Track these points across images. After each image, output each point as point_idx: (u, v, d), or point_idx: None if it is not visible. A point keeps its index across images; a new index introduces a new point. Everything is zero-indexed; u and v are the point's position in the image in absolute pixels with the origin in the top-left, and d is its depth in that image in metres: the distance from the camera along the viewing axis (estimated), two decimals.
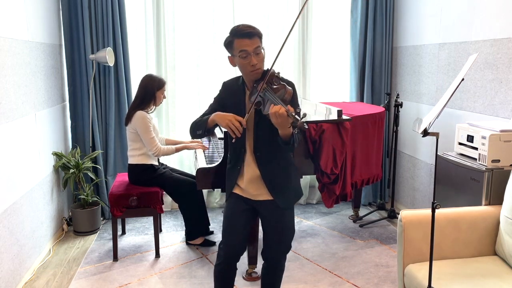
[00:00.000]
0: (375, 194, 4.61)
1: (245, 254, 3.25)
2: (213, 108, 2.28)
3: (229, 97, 2.25)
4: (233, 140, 2.09)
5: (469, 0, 3.24)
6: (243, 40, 2.09)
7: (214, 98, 2.33)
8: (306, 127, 1.85)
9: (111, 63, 3.88)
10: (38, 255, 3.32)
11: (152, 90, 3.38)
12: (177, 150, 3.48)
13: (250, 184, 2.24)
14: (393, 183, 4.12)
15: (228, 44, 2.15)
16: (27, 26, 3.24)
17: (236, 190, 2.29)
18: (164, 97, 3.51)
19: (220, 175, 2.93)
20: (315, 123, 3.12)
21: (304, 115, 1.89)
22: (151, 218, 4.13)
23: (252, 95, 2.13)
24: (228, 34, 2.16)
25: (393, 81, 4.46)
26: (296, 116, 1.86)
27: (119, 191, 3.34)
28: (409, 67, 4.15)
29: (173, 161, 4.34)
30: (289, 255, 3.41)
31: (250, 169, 2.24)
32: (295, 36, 4.38)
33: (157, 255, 3.43)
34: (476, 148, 2.64)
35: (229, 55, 2.18)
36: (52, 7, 3.80)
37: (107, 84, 4.04)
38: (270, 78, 2.08)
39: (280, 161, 2.25)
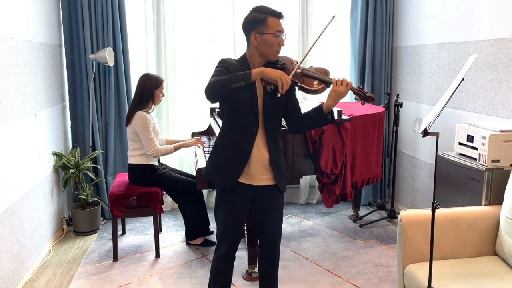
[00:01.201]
0: (375, 194, 4.61)
1: (245, 254, 3.25)
2: (226, 74, 2.12)
3: (236, 72, 2.15)
4: (278, 95, 2.07)
5: (469, 0, 3.24)
6: (278, 20, 2.17)
7: (218, 71, 2.15)
8: (375, 98, 2.19)
9: (111, 63, 3.88)
10: (38, 255, 3.32)
11: (150, 89, 3.38)
12: (175, 148, 3.48)
13: (256, 168, 2.22)
14: (393, 183, 4.12)
15: (259, 21, 2.14)
16: (27, 26, 3.24)
17: (242, 178, 2.23)
18: (163, 95, 3.51)
19: None
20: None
21: (361, 87, 2.23)
22: (151, 218, 4.13)
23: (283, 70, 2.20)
24: (253, 12, 2.17)
25: (393, 81, 4.46)
26: (360, 89, 2.20)
27: (119, 191, 3.34)
28: (409, 67, 4.15)
29: (173, 161, 4.34)
30: (289, 255, 3.42)
31: (259, 152, 2.21)
32: (295, 36, 4.39)
33: (157, 255, 3.43)
34: (476, 148, 2.64)
35: (254, 32, 2.15)
36: (52, 7, 3.80)
37: (107, 84, 4.04)
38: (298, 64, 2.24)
39: (280, 145, 2.32)
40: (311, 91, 2.21)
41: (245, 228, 2.99)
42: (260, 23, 2.14)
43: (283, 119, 2.35)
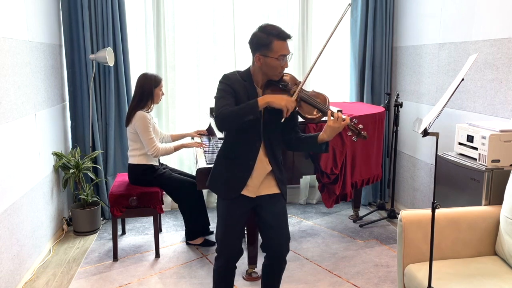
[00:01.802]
0: (375, 194, 4.61)
1: (245, 254, 3.25)
2: (232, 101, 2.14)
3: (240, 91, 2.18)
4: (283, 120, 2.09)
5: (469, 0, 3.24)
6: (284, 43, 2.13)
7: (223, 90, 2.18)
8: (367, 136, 2.14)
9: (111, 63, 3.88)
10: (38, 255, 3.32)
11: (149, 88, 3.38)
12: (176, 149, 3.48)
13: (258, 180, 2.25)
14: (393, 183, 4.12)
15: (266, 44, 2.11)
16: (27, 26, 3.24)
17: (244, 191, 2.25)
18: (163, 94, 3.51)
19: None
20: (315, 123, 3.12)
21: (355, 123, 2.18)
22: (151, 218, 4.13)
23: (272, 90, 2.19)
24: (259, 32, 2.13)
25: (393, 81, 4.46)
26: (355, 125, 2.15)
27: (119, 191, 3.34)
28: (409, 67, 4.15)
29: (173, 161, 4.34)
30: (289, 255, 3.41)
31: (261, 164, 2.24)
32: (295, 36, 4.38)
33: (157, 255, 3.43)
34: (476, 148, 2.64)
35: (259, 54, 2.14)
36: (52, 7, 3.80)
37: (107, 84, 4.04)
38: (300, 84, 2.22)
39: (280, 159, 2.34)
40: (307, 118, 2.21)
41: (245, 228, 2.99)
42: (265, 46, 2.12)
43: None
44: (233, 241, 2.30)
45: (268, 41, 2.11)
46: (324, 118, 2.20)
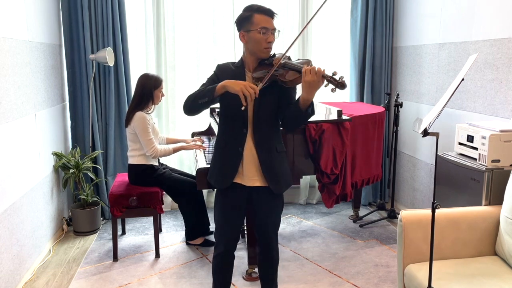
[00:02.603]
0: (375, 194, 4.61)
1: (245, 254, 3.25)
2: (214, 81, 2.20)
3: (225, 77, 2.17)
4: (243, 108, 2.02)
5: (469, 0, 3.24)
6: (265, 17, 2.14)
7: (208, 79, 2.29)
8: (346, 84, 2.01)
9: (111, 63, 3.88)
10: (38, 255, 3.32)
11: (149, 89, 3.37)
12: (175, 150, 3.47)
13: (249, 168, 2.23)
14: (393, 183, 4.12)
15: (245, 19, 2.14)
16: (27, 26, 3.24)
17: (237, 179, 2.25)
18: (163, 95, 3.51)
19: None
20: (315, 123, 3.12)
21: (335, 73, 2.01)
22: (151, 218, 4.13)
23: (262, 69, 2.16)
24: (242, 11, 2.17)
25: (393, 81, 4.46)
26: (332, 74, 2.00)
27: (119, 191, 3.34)
28: (409, 67, 4.15)
29: (173, 161, 4.34)
30: (289, 255, 3.42)
31: (249, 152, 2.22)
32: (294, 36, 4.37)
33: (157, 255, 3.43)
34: (476, 148, 2.64)
35: (242, 31, 2.16)
36: (52, 7, 3.80)
37: (107, 84, 4.04)
38: (285, 56, 2.16)
39: (277, 146, 2.28)
40: (287, 82, 2.11)
41: (245, 228, 2.99)
42: (246, 21, 2.15)
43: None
44: (231, 231, 2.32)
45: (248, 14, 2.14)
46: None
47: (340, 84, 2.00)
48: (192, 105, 2.17)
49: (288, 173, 2.35)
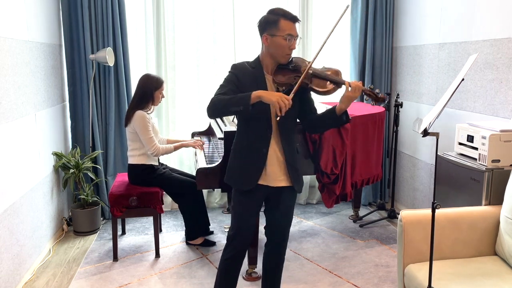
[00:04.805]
0: (375, 194, 4.61)
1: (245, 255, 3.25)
2: (230, 89, 2.17)
3: (246, 78, 2.20)
4: (278, 118, 2.07)
5: (469, 0, 3.24)
6: (290, 23, 2.16)
7: (226, 80, 2.23)
8: (387, 98, 2.15)
9: (111, 63, 3.88)
10: (38, 255, 3.32)
11: (150, 90, 3.37)
12: (176, 148, 3.48)
13: (272, 169, 2.25)
14: (393, 183, 4.12)
15: (271, 23, 2.15)
16: (27, 26, 3.24)
17: (260, 180, 2.26)
18: (163, 97, 3.51)
19: (220, 175, 2.93)
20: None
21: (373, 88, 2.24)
22: (151, 218, 4.12)
23: (285, 74, 2.20)
24: (267, 13, 2.19)
25: (393, 81, 4.46)
26: (371, 90, 2.18)
27: (119, 191, 3.34)
28: (409, 67, 4.15)
29: (173, 161, 4.34)
30: (289, 255, 3.42)
31: (274, 154, 2.25)
32: None
33: (157, 255, 3.43)
34: (476, 148, 2.64)
35: (266, 34, 2.17)
36: (52, 7, 3.80)
37: (107, 84, 4.04)
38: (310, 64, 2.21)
39: (295, 146, 2.33)
40: (321, 92, 2.20)
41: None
42: (272, 25, 2.15)
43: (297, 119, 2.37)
44: (248, 233, 2.34)
45: (275, 19, 2.15)
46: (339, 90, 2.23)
47: (381, 100, 2.23)
48: (223, 111, 2.14)
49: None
